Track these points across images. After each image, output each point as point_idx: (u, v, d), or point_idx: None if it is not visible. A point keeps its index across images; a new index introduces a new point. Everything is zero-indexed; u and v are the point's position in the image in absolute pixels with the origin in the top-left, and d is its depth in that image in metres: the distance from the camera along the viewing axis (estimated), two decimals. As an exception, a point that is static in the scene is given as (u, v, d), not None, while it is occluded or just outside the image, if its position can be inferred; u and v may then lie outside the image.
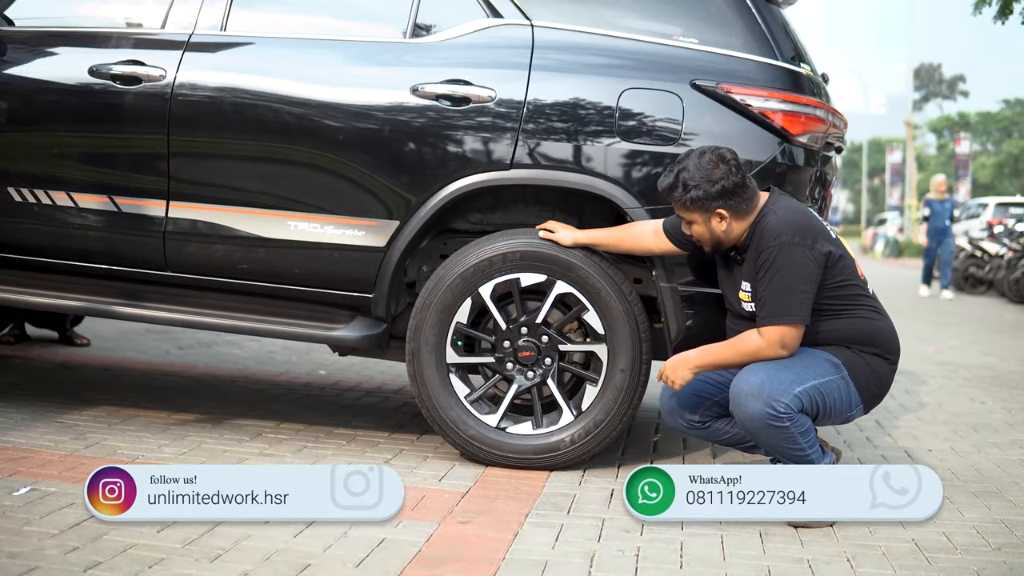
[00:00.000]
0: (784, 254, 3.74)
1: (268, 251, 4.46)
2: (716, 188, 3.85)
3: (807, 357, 3.79)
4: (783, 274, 3.73)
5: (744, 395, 3.70)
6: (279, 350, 7.29)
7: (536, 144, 4.31)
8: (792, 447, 3.73)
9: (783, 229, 3.77)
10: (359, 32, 4.62)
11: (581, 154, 4.31)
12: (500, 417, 4.40)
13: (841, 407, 3.82)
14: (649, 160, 4.31)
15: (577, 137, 4.31)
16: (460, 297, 4.36)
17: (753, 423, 3.70)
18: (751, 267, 3.86)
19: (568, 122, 4.33)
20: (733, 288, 3.98)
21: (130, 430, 4.61)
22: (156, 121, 4.44)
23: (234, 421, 4.92)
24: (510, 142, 4.31)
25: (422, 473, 4.25)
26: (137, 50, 4.51)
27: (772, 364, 3.74)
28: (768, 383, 3.68)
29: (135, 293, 4.56)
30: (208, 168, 4.51)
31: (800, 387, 3.71)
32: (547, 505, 3.90)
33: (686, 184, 3.87)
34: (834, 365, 3.79)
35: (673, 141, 4.30)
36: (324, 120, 4.38)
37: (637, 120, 4.31)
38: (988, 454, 5.14)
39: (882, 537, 3.70)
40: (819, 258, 3.78)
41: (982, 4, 12.84)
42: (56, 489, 3.66)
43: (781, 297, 3.73)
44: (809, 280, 3.75)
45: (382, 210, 4.39)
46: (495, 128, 4.32)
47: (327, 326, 4.51)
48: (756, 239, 3.84)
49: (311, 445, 4.57)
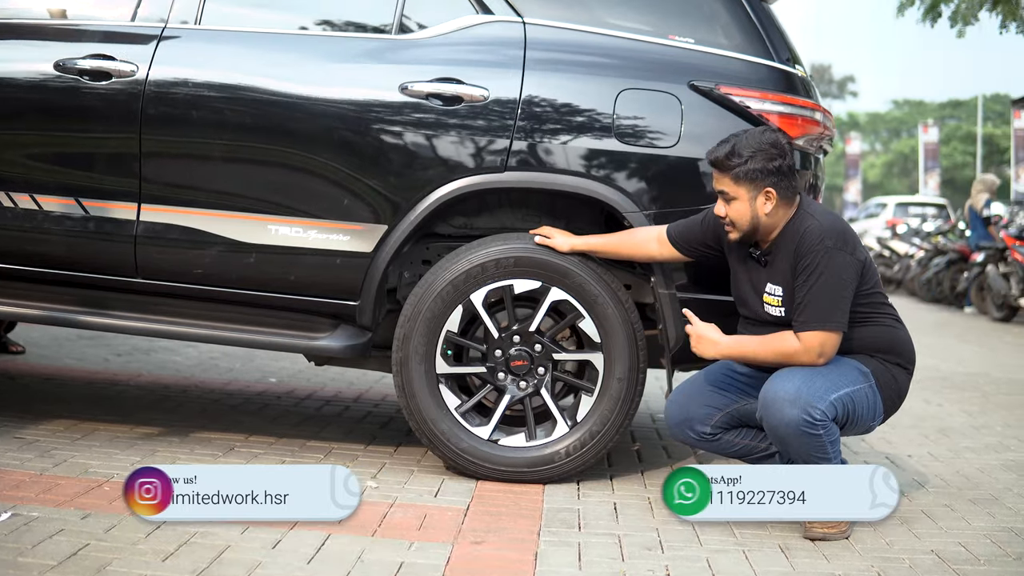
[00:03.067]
0: (828, 259, 3.64)
1: (246, 257, 4.23)
2: (773, 165, 3.74)
3: (839, 364, 3.69)
4: (827, 280, 3.63)
5: (780, 400, 3.58)
6: (221, 356, 7.02)
7: (531, 146, 4.15)
8: (820, 456, 3.63)
9: (827, 234, 3.67)
10: (342, 27, 4.40)
11: (578, 157, 4.16)
12: (492, 429, 4.24)
13: (867, 416, 3.73)
14: (648, 163, 4.18)
15: (573, 139, 4.17)
16: (451, 305, 4.19)
17: (787, 429, 3.58)
18: (782, 270, 3.74)
19: (564, 124, 4.18)
20: (754, 292, 3.85)
21: (95, 445, 4.35)
22: (127, 119, 4.18)
23: (200, 435, 4.68)
24: (504, 144, 4.15)
25: (415, 489, 4.06)
26: (106, 44, 4.24)
27: (806, 371, 3.63)
28: (805, 389, 3.57)
29: (103, 301, 4.30)
30: (183, 169, 4.26)
31: (835, 394, 3.61)
32: (555, 522, 3.75)
33: (743, 153, 3.74)
34: (863, 374, 3.70)
35: (672, 144, 4.17)
36: (306, 119, 4.17)
37: (635, 122, 4.18)
38: (968, 459, 5.12)
39: (901, 550, 3.64)
40: (858, 265, 3.69)
41: (906, 6, 13.04)
42: (39, 514, 3.41)
43: (824, 303, 3.62)
44: (850, 287, 3.66)
45: (369, 214, 4.19)
46: (489, 129, 4.15)
47: (309, 335, 4.30)
48: (794, 242, 3.72)
49: (290, 459, 4.36)
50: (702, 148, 4.17)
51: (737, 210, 3.77)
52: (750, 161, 3.73)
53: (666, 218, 4.15)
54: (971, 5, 12.29)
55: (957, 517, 4.08)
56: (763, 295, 3.81)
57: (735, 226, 3.80)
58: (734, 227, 3.80)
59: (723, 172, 3.78)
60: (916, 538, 3.78)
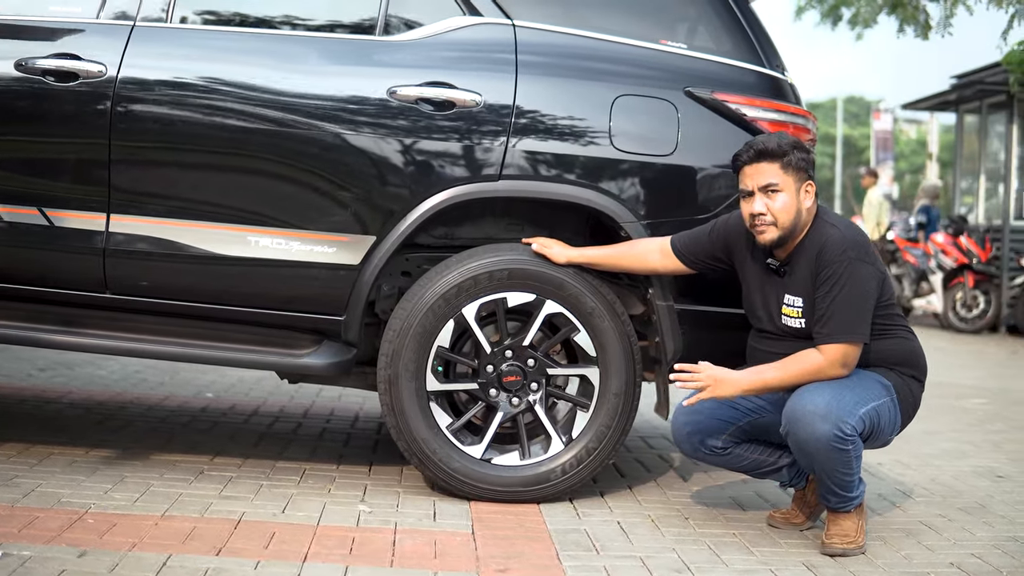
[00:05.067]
0: (852, 270, 3.55)
1: (224, 270, 3.99)
2: (810, 159, 3.72)
3: (863, 378, 3.61)
4: (850, 290, 3.55)
5: (810, 415, 3.48)
6: (145, 370, 6.71)
7: (526, 154, 4.00)
8: (844, 472, 3.56)
9: (849, 244, 3.59)
10: (325, 27, 4.18)
11: (575, 165, 4.02)
12: (485, 448, 4.08)
13: (888, 430, 3.67)
14: (645, 171, 4.07)
15: (570, 147, 4.03)
16: (443, 319, 4.01)
17: (818, 445, 3.49)
18: (803, 280, 3.65)
19: (560, 131, 4.04)
20: (771, 302, 3.75)
21: (56, 471, 4.06)
22: (95, 123, 3.90)
23: (161, 456, 4.42)
24: (499, 151, 3.99)
25: (410, 512, 3.88)
26: (72, 42, 3.95)
27: (833, 385, 3.55)
28: (835, 404, 3.48)
29: (69, 318, 4.00)
30: (155, 177, 3.99)
31: (863, 409, 3.53)
32: (569, 545, 3.61)
33: (786, 143, 3.67)
34: (885, 387, 3.63)
35: (669, 152, 4.07)
36: (289, 123, 3.94)
37: (632, 129, 4.06)
38: (938, 467, 5.14)
39: (922, 564, 3.62)
40: (880, 276, 3.62)
41: (804, 10, 13.21)
42: (31, 552, 3.13)
43: (848, 314, 3.54)
44: (872, 299, 3.59)
45: (356, 225, 3.99)
46: (482, 136, 3.99)
47: (291, 352, 4.08)
48: (814, 251, 3.63)
49: (266, 483, 4.13)
50: (699, 156, 4.11)
51: (783, 203, 3.65)
52: (794, 151, 3.66)
53: (664, 227, 4.04)
54: (873, 9, 12.49)
55: (958, 528, 4.06)
56: (781, 307, 3.72)
57: (777, 223, 3.65)
58: (776, 224, 3.65)
59: (772, 161, 3.65)
60: (930, 551, 3.75)
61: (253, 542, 3.40)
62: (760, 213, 3.66)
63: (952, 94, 15.71)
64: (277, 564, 3.20)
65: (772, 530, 3.92)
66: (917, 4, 12.58)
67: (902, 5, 12.75)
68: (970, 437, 6.00)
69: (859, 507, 3.70)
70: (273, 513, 3.75)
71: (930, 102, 16.73)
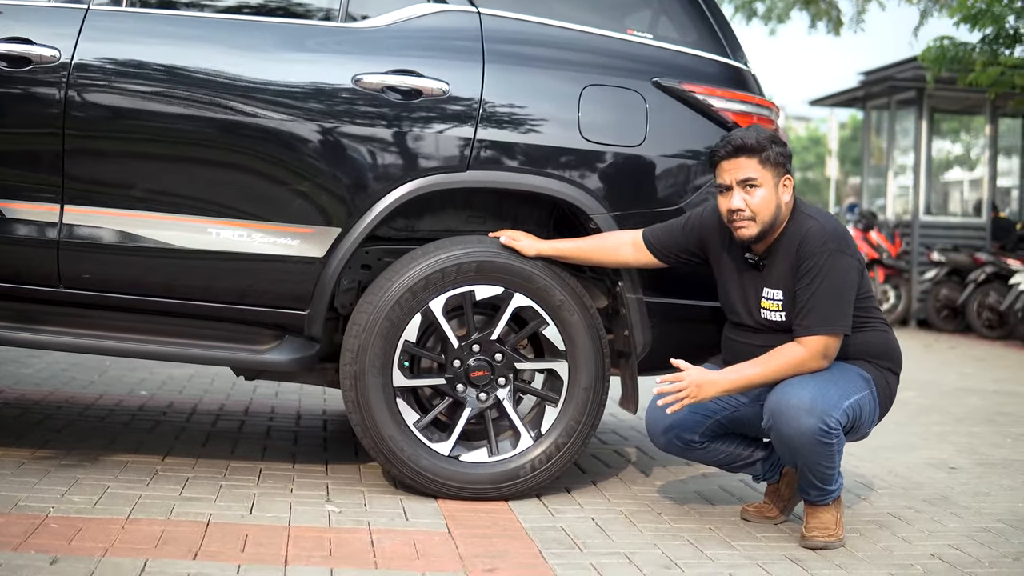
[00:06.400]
0: (833, 262, 3.53)
1: (184, 263, 3.84)
2: (787, 153, 3.67)
3: (844, 371, 3.59)
4: (831, 282, 3.52)
5: (795, 409, 3.45)
6: (72, 368, 6.47)
7: (494, 144, 3.92)
8: (827, 465, 3.54)
9: (829, 236, 3.56)
10: (286, 11, 4.06)
11: (544, 156, 3.96)
12: (453, 445, 3.99)
13: (867, 423, 3.66)
14: (613, 162, 4.02)
15: (538, 137, 3.96)
16: (410, 313, 3.91)
17: (802, 439, 3.46)
18: (782, 274, 3.62)
19: (528, 121, 3.97)
20: (750, 296, 3.71)
21: (6, 473, 3.88)
22: (48, 110, 3.73)
23: (110, 457, 4.25)
24: (467, 141, 3.90)
25: (380, 512, 3.78)
26: (23, 25, 3.77)
27: (817, 378, 3.52)
28: (820, 398, 3.46)
29: (21, 314, 3.82)
30: (112, 166, 3.83)
31: (847, 402, 3.52)
32: (549, 542, 3.54)
33: (765, 138, 3.61)
34: (865, 380, 3.62)
35: (638, 143, 4.02)
36: (251, 111, 3.81)
37: (601, 119, 4.01)
38: (889, 458, 5.18)
39: (903, 555, 3.64)
40: (859, 267, 3.61)
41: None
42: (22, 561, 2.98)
43: (829, 306, 3.51)
44: (853, 290, 3.57)
45: (320, 216, 3.87)
46: (450, 125, 3.90)
47: (252, 348, 3.95)
48: (794, 243, 3.60)
49: (225, 484, 3.99)
50: (668, 147, 4.09)
51: (762, 198, 3.60)
52: (773, 146, 3.62)
53: (633, 219, 3.99)
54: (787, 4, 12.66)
55: (928, 519, 4.09)
56: (760, 300, 3.69)
57: (756, 218, 3.61)
58: (754, 220, 3.61)
59: (751, 156, 3.61)
60: (907, 543, 3.76)
61: (228, 545, 3.28)
62: (739, 209, 3.61)
63: (860, 90, 15.94)
64: (259, 568, 3.08)
65: (747, 524, 3.90)
66: (831, 0, 12.80)
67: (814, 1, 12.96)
68: (913, 429, 6.06)
69: (837, 500, 3.69)
70: (241, 515, 3.62)
71: (837, 99, 16.95)
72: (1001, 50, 11.10)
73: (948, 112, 15.42)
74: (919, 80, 13.68)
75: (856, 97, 16.32)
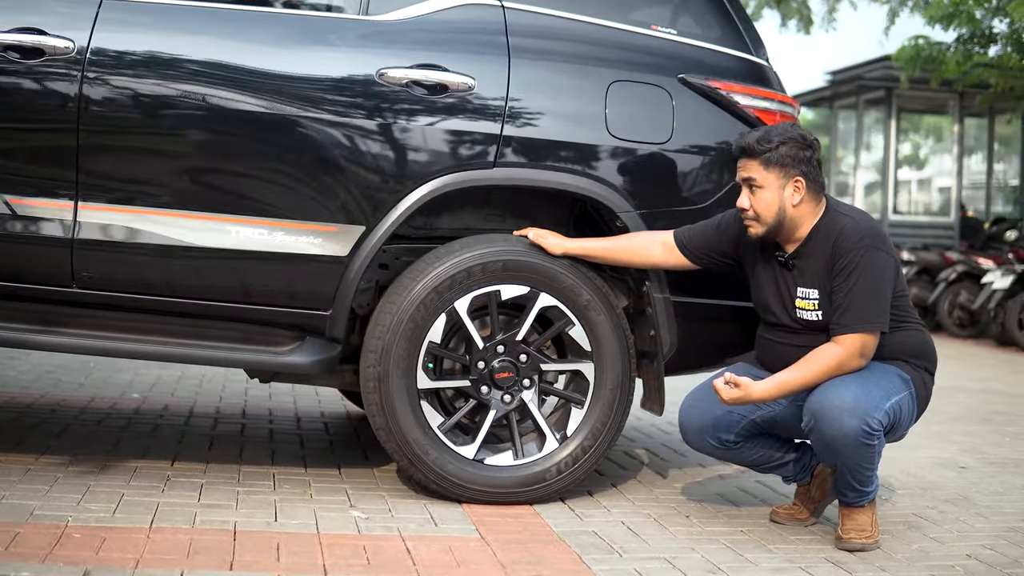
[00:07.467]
0: (869, 259, 3.47)
1: (203, 262, 3.73)
2: (804, 154, 3.57)
3: (884, 372, 3.54)
4: (867, 279, 3.47)
5: (838, 411, 3.39)
6: (57, 370, 6.32)
7: (522, 140, 3.84)
8: (867, 466, 3.49)
9: (865, 233, 3.50)
10: (307, 4, 3.96)
11: (570, 153, 3.88)
12: (478, 448, 3.90)
13: (905, 423, 3.62)
14: (640, 159, 3.95)
15: (565, 134, 3.89)
16: (435, 314, 3.82)
17: (845, 440, 3.40)
18: (817, 272, 3.56)
19: (555, 117, 3.90)
20: (784, 296, 3.65)
21: (14, 481, 3.74)
22: (62, 104, 3.59)
23: (118, 463, 4.12)
24: (493, 138, 3.81)
25: (408, 518, 3.68)
26: (36, 15, 3.63)
27: (858, 379, 3.46)
28: (862, 399, 3.40)
29: (36, 315, 3.68)
30: (128, 162, 3.69)
31: (888, 403, 3.47)
32: (588, 547, 3.46)
33: (773, 139, 3.55)
34: (904, 381, 3.57)
35: (665, 140, 3.95)
36: (271, 106, 3.70)
37: (628, 116, 3.94)
38: (900, 458, 5.14)
39: (942, 556, 3.62)
40: (896, 265, 3.56)
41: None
42: (29, 573, 2.86)
43: (867, 303, 3.46)
44: (889, 288, 3.52)
45: (343, 214, 3.76)
46: (476, 121, 3.81)
47: (272, 350, 3.83)
48: (829, 241, 3.54)
49: (242, 490, 3.87)
50: (694, 144, 4.02)
51: (764, 200, 3.56)
52: (781, 147, 3.55)
53: (661, 217, 3.92)
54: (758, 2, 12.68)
55: (954, 520, 4.06)
56: (795, 300, 3.62)
57: (759, 219, 3.58)
58: (757, 221, 3.58)
59: (752, 158, 3.57)
60: (940, 544, 3.73)
61: (262, 554, 3.17)
62: (743, 209, 3.60)
63: (828, 90, 16.00)
64: (297, 580, 2.98)
65: (778, 527, 3.84)
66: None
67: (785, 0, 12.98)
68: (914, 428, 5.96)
69: (872, 502, 3.65)
70: (266, 522, 3.51)
71: (805, 98, 17.00)
72: (976, 49, 11.15)
73: (916, 112, 15.51)
74: (888, 80, 13.74)
75: (824, 97, 16.39)
